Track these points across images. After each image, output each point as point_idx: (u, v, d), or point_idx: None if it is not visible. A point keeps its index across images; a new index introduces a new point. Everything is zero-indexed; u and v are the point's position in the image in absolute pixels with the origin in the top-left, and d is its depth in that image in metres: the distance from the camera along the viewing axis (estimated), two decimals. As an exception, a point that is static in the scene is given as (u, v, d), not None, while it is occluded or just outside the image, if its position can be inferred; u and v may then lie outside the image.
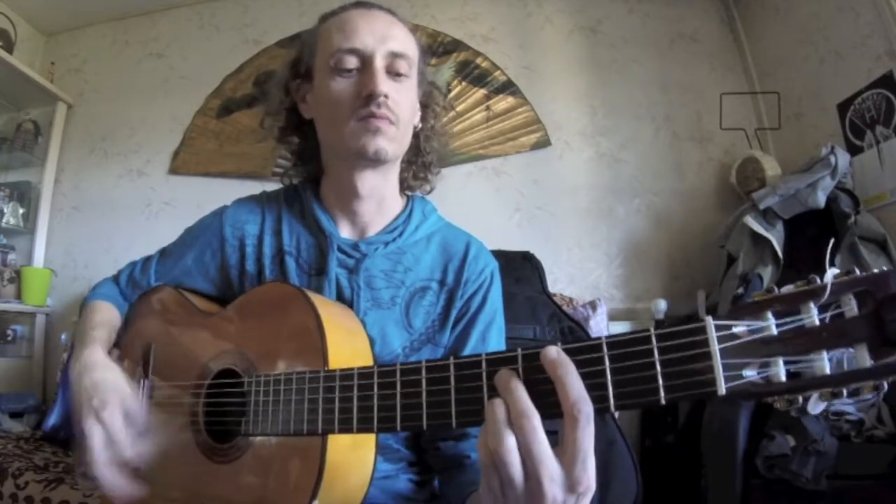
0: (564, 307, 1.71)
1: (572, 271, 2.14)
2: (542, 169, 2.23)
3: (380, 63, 0.67)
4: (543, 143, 2.24)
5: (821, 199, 1.64)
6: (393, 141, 0.68)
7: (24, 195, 2.42)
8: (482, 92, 2.27)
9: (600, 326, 1.78)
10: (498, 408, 0.39)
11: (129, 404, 0.60)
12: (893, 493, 1.18)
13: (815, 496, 1.22)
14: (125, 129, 2.51)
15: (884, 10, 1.65)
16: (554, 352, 0.39)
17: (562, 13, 2.37)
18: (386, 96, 0.66)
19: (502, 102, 2.26)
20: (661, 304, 1.91)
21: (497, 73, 2.29)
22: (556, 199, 2.20)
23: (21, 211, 2.37)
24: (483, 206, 2.20)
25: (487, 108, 2.26)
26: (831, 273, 0.35)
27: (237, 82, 2.45)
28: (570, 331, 1.59)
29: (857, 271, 0.34)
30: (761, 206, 1.71)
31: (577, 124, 2.26)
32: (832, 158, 1.66)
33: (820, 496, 1.22)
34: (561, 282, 2.11)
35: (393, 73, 0.68)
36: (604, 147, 2.24)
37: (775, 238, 1.68)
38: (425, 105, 0.78)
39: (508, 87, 2.28)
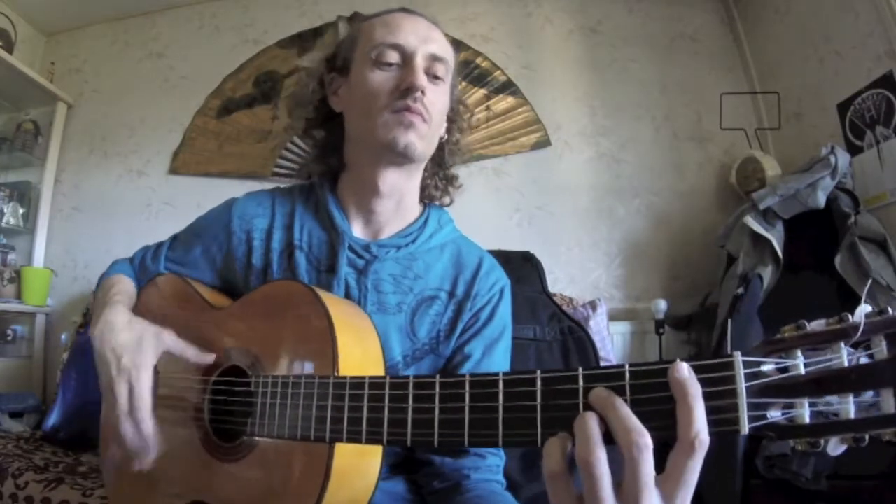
0: (564, 307, 1.71)
1: (572, 271, 2.14)
2: (542, 169, 2.23)
3: (420, 62, 0.68)
4: (543, 143, 2.24)
5: (821, 199, 1.64)
6: (423, 139, 0.68)
7: (24, 195, 2.42)
8: (482, 92, 2.27)
9: (600, 326, 1.78)
10: (591, 420, 0.36)
11: (161, 345, 0.63)
12: (893, 493, 1.18)
13: (815, 496, 1.22)
14: (125, 129, 2.51)
15: (884, 10, 1.65)
16: (686, 370, 0.35)
17: (562, 13, 2.37)
18: (423, 92, 0.66)
19: (502, 102, 2.26)
20: (661, 304, 1.91)
21: (497, 73, 2.29)
22: (556, 199, 2.20)
23: (21, 211, 2.37)
24: (483, 206, 2.19)
25: (487, 108, 2.26)
26: (863, 312, 0.34)
27: (237, 82, 2.45)
28: (570, 331, 1.59)
29: (891, 311, 0.33)
30: (761, 206, 1.71)
31: (577, 124, 2.26)
32: (832, 158, 1.66)
33: (820, 496, 1.22)
34: (561, 282, 2.11)
35: (431, 75, 0.69)
36: (604, 147, 2.24)
37: (775, 238, 1.68)
38: (451, 119, 0.79)
39: (508, 87, 2.28)
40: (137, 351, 0.61)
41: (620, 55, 2.31)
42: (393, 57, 0.68)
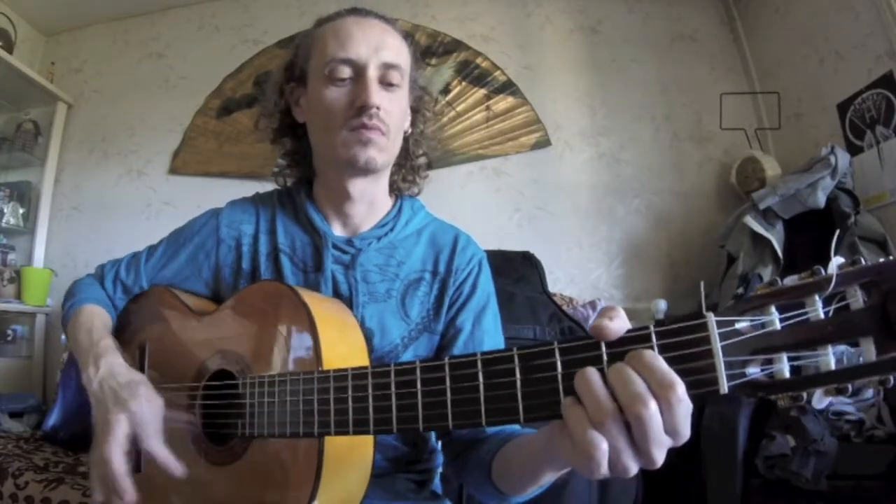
0: (564, 307, 1.71)
1: (572, 271, 2.14)
2: (542, 169, 2.23)
3: (373, 74, 0.68)
4: (543, 143, 2.24)
5: (821, 199, 1.64)
6: (383, 151, 0.69)
7: (24, 195, 2.42)
8: (482, 92, 2.27)
9: (600, 326, 1.78)
10: (630, 371, 0.36)
11: (157, 405, 0.61)
12: (893, 493, 1.18)
13: (815, 496, 1.22)
14: (125, 129, 2.51)
15: (884, 10, 1.65)
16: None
17: (562, 13, 2.37)
18: (378, 108, 0.66)
19: (502, 102, 2.26)
20: (661, 304, 1.91)
21: (497, 73, 2.29)
22: (556, 199, 2.20)
23: (21, 211, 2.37)
24: (483, 206, 2.20)
25: (487, 108, 2.26)
26: (836, 263, 0.33)
27: (237, 82, 2.45)
28: (570, 331, 1.59)
29: (864, 261, 0.33)
30: (761, 206, 1.72)
31: (577, 124, 2.26)
32: (832, 158, 1.66)
33: (820, 496, 1.22)
34: (561, 282, 2.11)
35: (385, 84, 0.69)
36: (604, 147, 2.24)
37: (775, 238, 1.68)
38: (416, 110, 0.79)
39: (508, 87, 2.28)
40: (134, 388, 0.61)
41: (620, 55, 2.31)
42: (345, 72, 0.67)
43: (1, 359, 2.21)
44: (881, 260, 0.33)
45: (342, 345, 0.58)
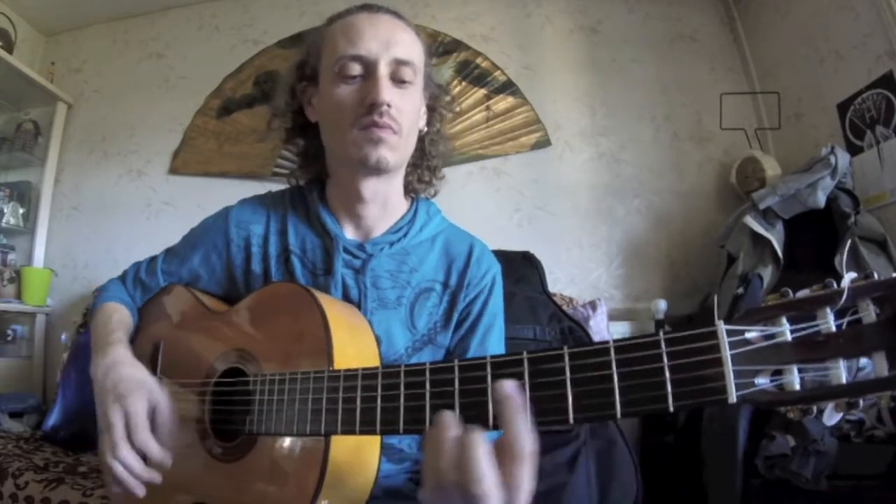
0: (564, 307, 1.71)
1: (572, 271, 2.14)
2: (542, 169, 2.23)
3: (384, 70, 0.66)
4: (543, 143, 2.24)
5: (821, 199, 1.64)
6: (395, 150, 0.68)
7: (24, 195, 2.41)
8: (482, 92, 2.27)
9: (600, 326, 1.78)
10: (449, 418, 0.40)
11: (156, 398, 0.62)
12: (893, 494, 1.18)
13: (815, 496, 1.22)
14: (125, 129, 2.51)
15: (884, 10, 1.65)
16: (510, 387, 0.39)
17: (562, 13, 2.37)
18: (389, 105, 0.65)
19: (502, 102, 2.26)
20: (661, 304, 1.91)
21: (497, 73, 2.29)
22: (556, 199, 2.20)
23: (21, 211, 2.37)
24: (483, 206, 2.19)
25: (487, 108, 2.26)
26: (848, 278, 0.33)
27: (237, 82, 2.45)
28: (570, 331, 1.59)
29: (876, 275, 0.33)
30: (761, 206, 1.71)
31: (577, 124, 2.26)
32: (832, 158, 1.66)
33: (820, 496, 1.22)
34: (561, 282, 2.11)
35: (397, 81, 0.67)
36: (604, 147, 2.24)
37: (775, 238, 1.68)
38: (432, 108, 0.78)
39: (508, 87, 2.28)
40: (134, 382, 0.61)
41: (620, 55, 2.31)
42: (356, 69, 0.66)
43: (1, 359, 2.20)
44: (894, 275, 0.33)
45: (353, 347, 0.58)
